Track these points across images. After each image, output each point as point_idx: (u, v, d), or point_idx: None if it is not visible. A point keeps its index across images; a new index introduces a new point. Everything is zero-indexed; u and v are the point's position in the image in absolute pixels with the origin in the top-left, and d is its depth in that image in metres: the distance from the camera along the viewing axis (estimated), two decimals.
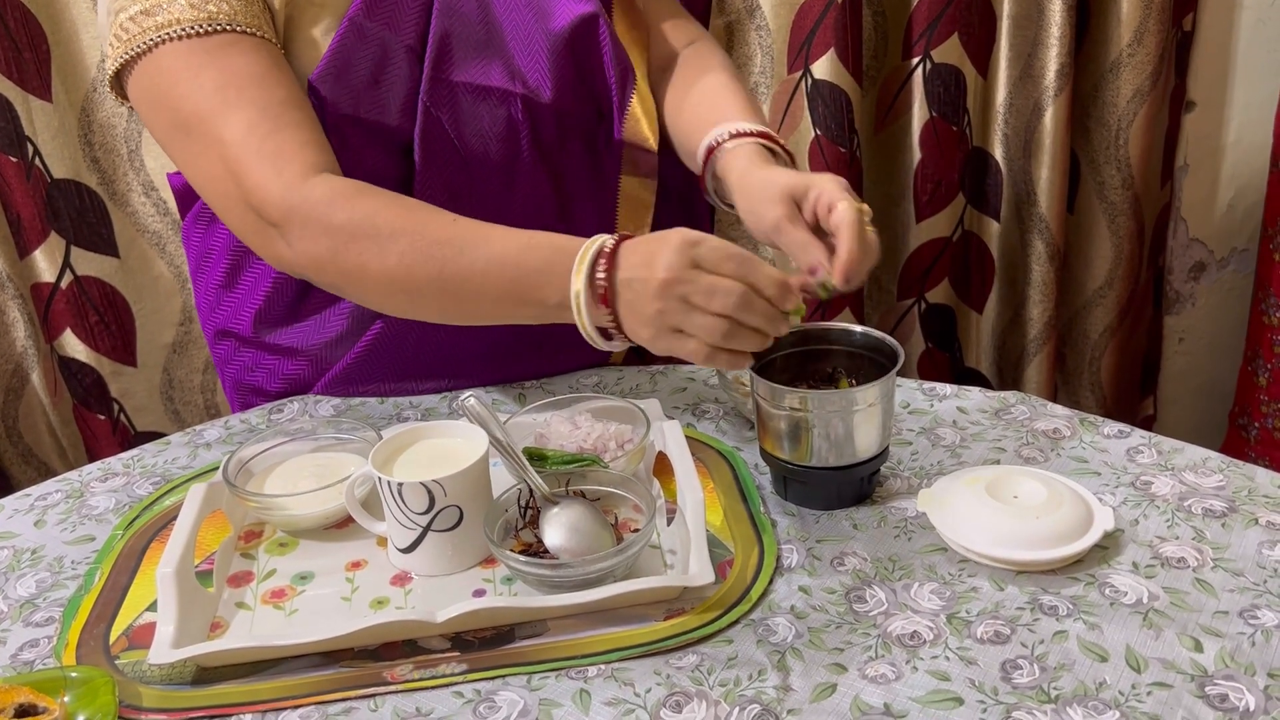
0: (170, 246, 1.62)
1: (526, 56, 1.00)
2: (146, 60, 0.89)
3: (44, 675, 0.72)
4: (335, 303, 1.07)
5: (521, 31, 1.00)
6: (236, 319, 1.10)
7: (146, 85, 0.91)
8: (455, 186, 1.00)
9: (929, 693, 0.68)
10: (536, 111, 1.01)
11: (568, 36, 1.00)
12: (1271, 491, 0.84)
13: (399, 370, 1.08)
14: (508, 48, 1.00)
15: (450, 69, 0.97)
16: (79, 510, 0.94)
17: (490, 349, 1.08)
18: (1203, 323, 1.89)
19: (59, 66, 1.50)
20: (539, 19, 1.01)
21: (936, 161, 1.69)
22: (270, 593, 0.82)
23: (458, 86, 0.98)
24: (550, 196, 1.05)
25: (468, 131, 0.99)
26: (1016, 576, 0.77)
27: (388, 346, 1.06)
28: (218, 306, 1.12)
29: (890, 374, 0.83)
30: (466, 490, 0.80)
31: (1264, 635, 0.70)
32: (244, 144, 0.87)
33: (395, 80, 0.97)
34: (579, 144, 1.05)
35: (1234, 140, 1.76)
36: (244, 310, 1.09)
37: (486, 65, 0.99)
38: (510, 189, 1.03)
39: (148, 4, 0.88)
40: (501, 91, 0.99)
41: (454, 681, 0.72)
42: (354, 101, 0.95)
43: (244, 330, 1.10)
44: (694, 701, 0.68)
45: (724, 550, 0.82)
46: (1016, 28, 1.60)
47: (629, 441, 0.91)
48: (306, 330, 1.08)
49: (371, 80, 0.96)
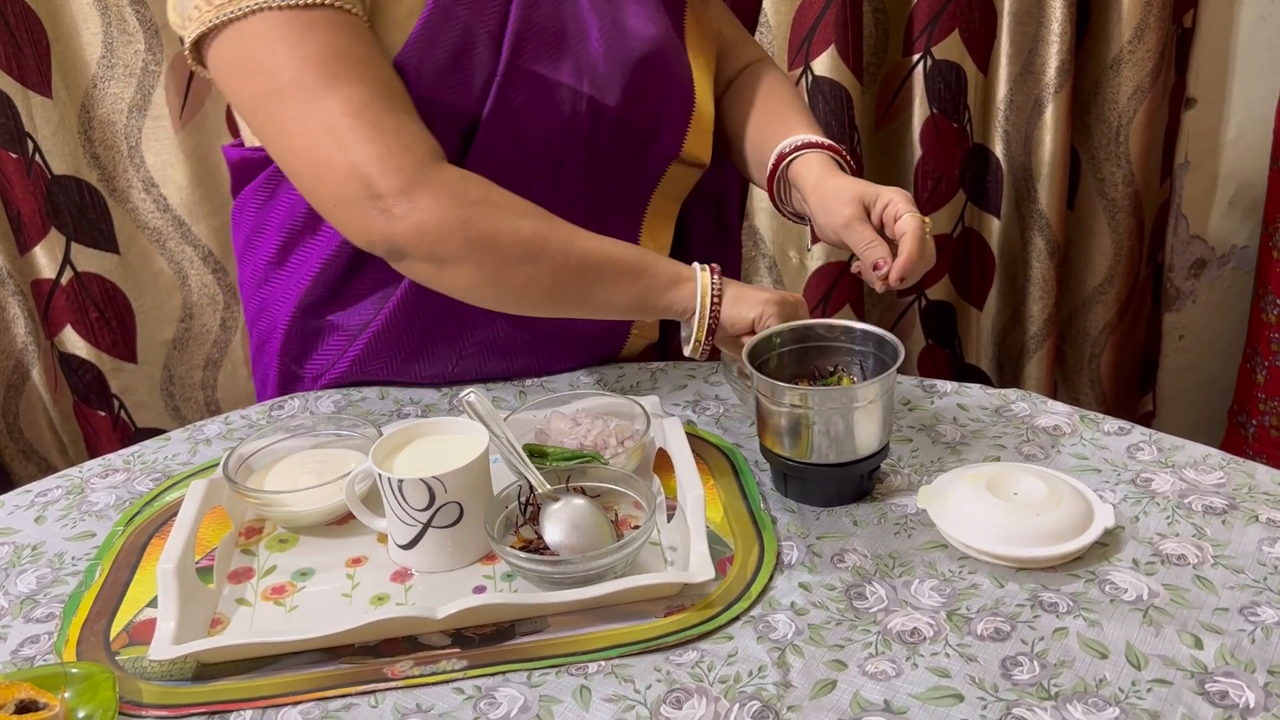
0: (170, 243, 1.62)
1: (597, 58, 1.02)
2: (238, 26, 0.89)
3: (44, 671, 0.72)
4: (378, 289, 1.07)
5: (596, 33, 1.02)
6: (282, 297, 1.11)
7: (238, 51, 0.90)
8: (505, 171, 1.00)
9: (929, 689, 0.68)
10: (599, 114, 1.02)
11: (641, 49, 1.03)
12: (1272, 488, 0.84)
13: (405, 351, 1.09)
14: (580, 46, 1.02)
15: (525, 57, 0.99)
16: (79, 506, 0.94)
17: (495, 342, 1.09)
18: (1203, 320, 1.89)
19: (59, 62, 1.49)
20: (615, 24, 1.03)
21: (937, 158, 1.68)
22: (270, 589, 0.82)
23: (530, 75, 0.99)
24: (585, 197, 1.06)
25: (531, 121, 1.01)
26: (1017, 573, 0.77)
27: (398, 324, 1.07)
28: (265, 284, 1.12)
29: (891, 371, 0.83)
30: (467, 486, 0.80)
31: (1264, 632, 0.70)
32: (361, 116, 0.88)
33: (475, 65, 0.98)
34: (628, 152, 1.07)
35: (1235, 137, 1.76)
36: (290, 289, 1.10)
37: (558, 60, 1.01)
38: (556, 184, 1.04)
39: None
40: (570, 89, 1.01)
41: (454, 678, 0.72)
42: (433, 82, 0.96)
43: (287, 309, 1.11)
44: (694, 698, 0.68)
45: (724, 547, 0.82)
46: (1017, 24, 1.60)
47: (629, 438, 0.91)
48: (347, 315, 1.10)
49: (452, 63, 0.97)
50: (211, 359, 1.70)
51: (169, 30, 1.51)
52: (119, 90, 1.53)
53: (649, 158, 1.09)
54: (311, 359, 1.12)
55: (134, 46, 1.51)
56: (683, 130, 1.08)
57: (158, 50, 1.52)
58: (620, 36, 1.03)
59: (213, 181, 1.61)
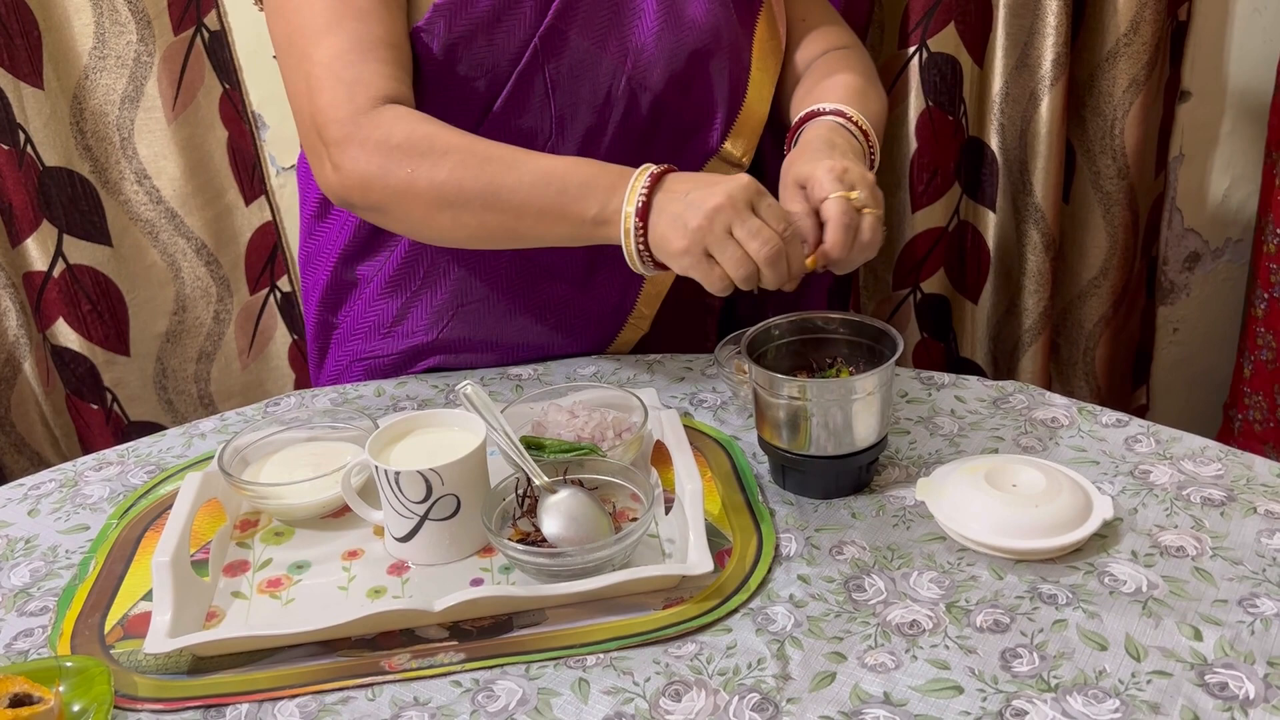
0: (163, 235, 1.61)
1: (648, 39, 1.01)
2: None
3: (39, 665, 0.72)
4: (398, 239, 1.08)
5: (653, 14, 1.01)
6: (323, 250, 1.14)
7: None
8: (529, 134, 1.01)
9: (928, 681, 0.68)
10: (636, 94, 1.02)
11: (695, 39, 1.02)
12: (1270, 480, 0.84)
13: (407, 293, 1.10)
14: (633, 24, 1.01)
15: (571, 24, 0.99)
16: (73, 499, 0.93)
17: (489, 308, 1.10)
18: (1197, 313, 1.90)
19: (50, 53, 1.48)
20: (673, 9, 1.02)
21: (932, 151, 1.68)
22: (266, 582, 0.82)
23: (572, 42, 0.99)
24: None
25: (565, 90, 1.00)
26: (1015, 565, 0.77)
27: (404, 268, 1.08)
28: (309, 237, 1.16)
29: (889, 363, 0.83)
30: (464, 479, 0.80)
31: (1263, 624, 0.70)
32: (328, 67, 0.92)
33: (516, 23, 0.98)
34: (667, 142, 1.06)
35: (1229, 130, 1.76)
36: (330, 242, 1.12)
37: (605, 33, 1.00)
38: (585, 154, 1.03)
39: None
40: (611, 63, 1.00)
41: (452, 671, 0.71)
42: (471, 35, 0.97)
43: (329, 262, 1.13)
44: (693, 690, 0.68)
45: (722, 539, 0.82)
46: (1013, 16, 1.60)
47: (627, 430, 0.91)
48: (376, 264, 1.11)
49: (494, 18, 0.97)
50: (205, 352, 1.69)
51: (161, 21, 1.50)
52: (111, 81, 1.51)
53: (687, 151, 1.07)
54: (342, 310, 1.15)
55: (126, 37, 1.50)
56: (726, 128, 1.07)
57: (150, 41, 1.51)
58: (676, 22, 1.02)
59: (206, 173, 1.60)
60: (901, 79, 1.67)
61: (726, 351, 1.03)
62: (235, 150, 1.61)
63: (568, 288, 1.10)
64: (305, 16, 0.94)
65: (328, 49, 0.93)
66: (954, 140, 1.69)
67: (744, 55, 1.07)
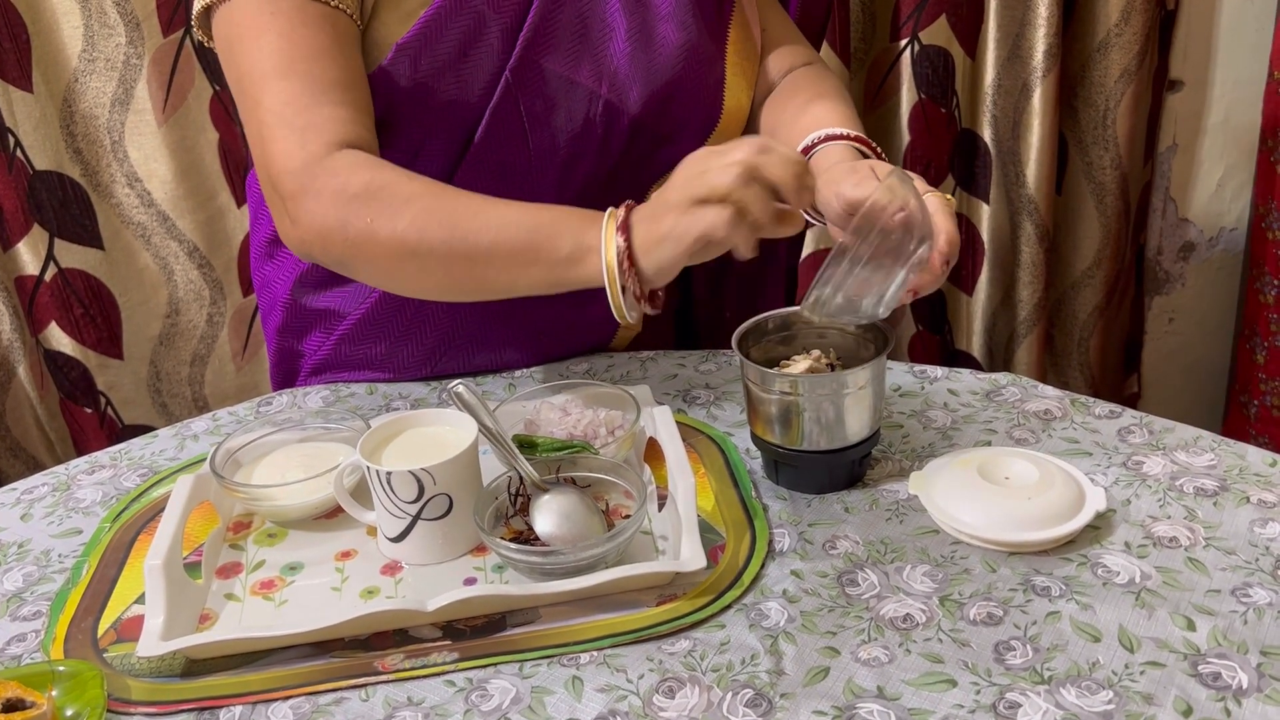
0: (155, 238, 1.60)
1: (621, 61, 1.00)
2: (226, 7, 0.90)
3: (32, 669, 0.72)
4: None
5: (623, 36, 0.99)
6: (280, 275, 1.11)
7: (222, 33, 0.92)
8: (508, 167, 1.00)
9: (922, 675, 0.68)
10: (614, 117, 1.00)
11: (669, 57, 1.01)
12: (1262, 470, 0.84)
13: (391, 337, 1.08)
14: (604, 47, 0.99)
15: (542, 53, 0.97)
16: (65, 503, 0.93)
17: (487, 328, 1.08)
18: (1192, 302, 1.90)
19: (39, 57, 1.48)
20: (644, 28, 1.00)
21: (926, 144, 1.68)
22: (259, 584, 0.82)
23: (546, 72, 0.97)
24: (598, 196, 1.05)
25: (541, 119, 0.99)
26: (1009, 558, 0.77)
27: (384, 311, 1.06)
28: (267, 260, 1.13)
29: (881, 356, 0.83)
30: (456, 478, 0.80)
31: (1256, 613, 0.70)
32: (279, 114, 0.87)
33: (484, 57, 0.96)
34: (640, 153, 1.05)
35: (1221, 120, 1.76)
36: (288, 268, 1.10)
37: (577, 59, 0.99)
38: (564, 182, 1.03)
39: None
40: (586, 89, 0.99)
41: (445, 670, 0.71)
42: (438, 72, 0.95)
43: (285, 286, 1.11)
44: (687, 687, 0.68)
45: (715, 535, 0.82)
46: (1004, 8, 1.59)
47: (619, 428, 0.91)
48: (341, 298, 1.09)
49: (460, 53, 0.95)
50: (198, 354, 1.69)
51: (150, 23, 1.50)
52: (101, 84, 1.51)
53: (659, 157, 1.07)
54: (306, 339, 1.13)
55: (115, 40, 1.49)
56: (704, 135, 1.06)
57: (139, 44, 1.50)
58: (648, 42, 1.00)
59: (197, 176, 1.59)
60: (894, 72, 1.67)
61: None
62: (227, 152, 1.61)
63: (557, 307, 1.09)
64: (255, 60, 0.89)
65: (278, 94, 0.88)
66: (947, 132, 1.68)
67: (718, 64, 1.06)
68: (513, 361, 1.10)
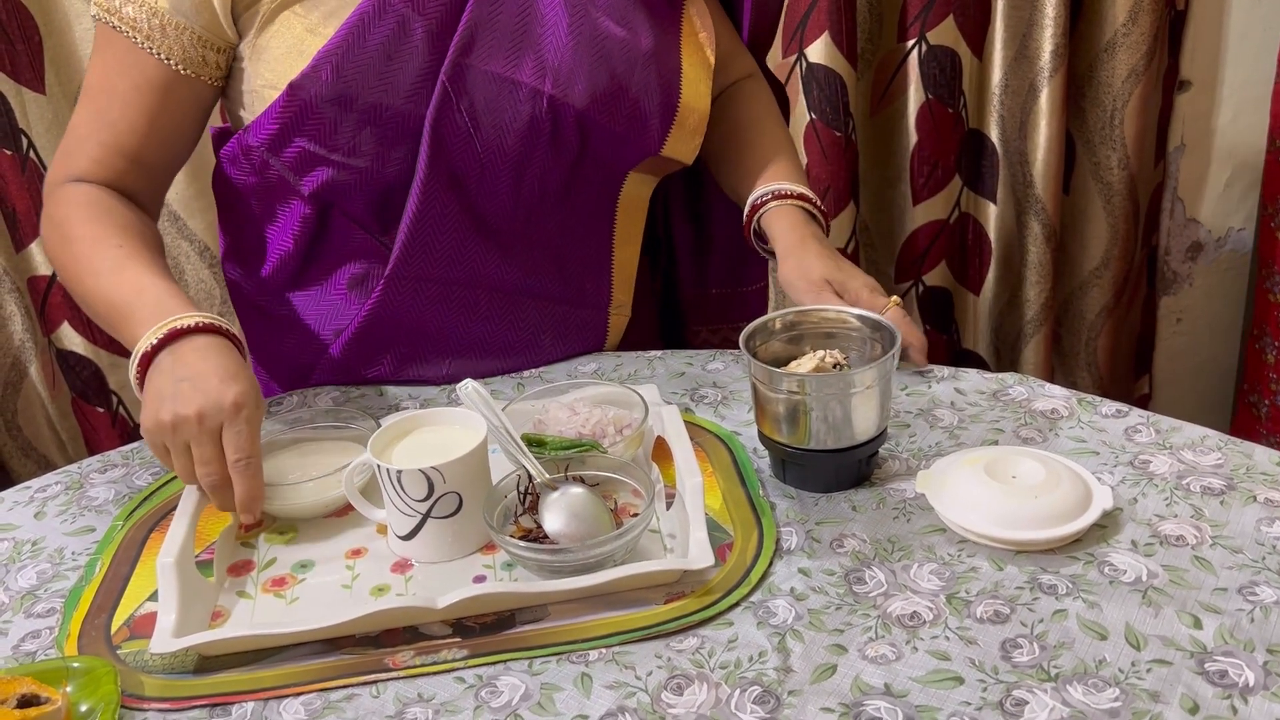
0: (166, 238, 1.61)
1: (563, 56, 0.99)
2: (98, 20, 0.99)
3: (46, 666, 0.73)
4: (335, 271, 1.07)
5: (565, 31, 0.99)
6: (247, 281, 1.13)
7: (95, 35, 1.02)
8: (461, 173, 1.00)
9: (929, 672, 0.68)
10: (561, 113, 1.00)
11: (613, 48, 1.01)
12: (1269, 469, 0.84)
13: (397, 355, 1.08)
14: (544, 43, 0.99)
15: (478, 56, 0.97)
16: (79, 501, 0.94)
17: (485, 339, 1.08)
18: (1200, 302, 1.90)
19: (52, 58, 1.49)
20: (587, 20, 1.00)
21: (933, 144, 1.68)
22: (271, 581, 0.82)
23: (484, 74, 0.97)
24: (556, 191, 1.05)
25: (486, 121, 0.99)
26: (1016, 556, 0.77)
27: (382, 327, 1.06)
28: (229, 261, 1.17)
29: (888, 356, 0.83)
30: (465, 477, 0.80)
31: (1263, 611, 0.70)
32: (72, 130, 1.01)
33: (408, 60, 0.96)
34: (601, 148, 1.04)
35: (1230, 120, 1.76)
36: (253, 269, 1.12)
37: (518, 58, 0.98)
38: (519, 181, 1.02)
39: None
40: (529, 88, 0.99)
41: (455, 667, 0.72)
42: (361, 78, 0.95)
43: (252, 291, 1.13)
44: (695, 684, 0.69)
45: (723, 534, 0.82)
46: (1011, 8, 1.60)
47: (628, 426, 0.91)
48: (309, 297, 1.09)
49: (384, 56, 0.95)
50: None
51: None
52: None
53: (625, 156, 1.06)
54: (286, 351, 1.13)
55: None
56: (664, 130, 1.05)
57: None
58: (591, 35, 1.00)
59: (208, 176, 1.58)
60: (901, 72, 1.67)
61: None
62: None
63: (544, 300, 1.09)
64: (89, 76, 1.00)
65: (78, 114, 1.00)
66: (954, 133, 1.69)
67: (672, 56, 1.05)
68: (522, 361, 1.11)
